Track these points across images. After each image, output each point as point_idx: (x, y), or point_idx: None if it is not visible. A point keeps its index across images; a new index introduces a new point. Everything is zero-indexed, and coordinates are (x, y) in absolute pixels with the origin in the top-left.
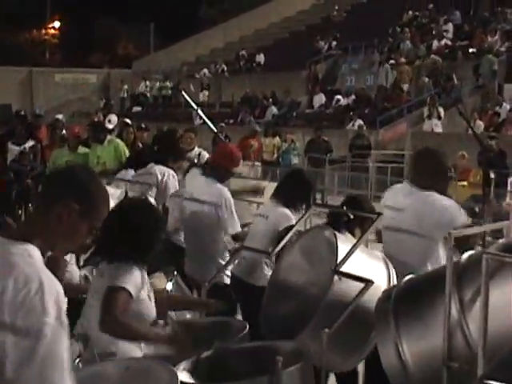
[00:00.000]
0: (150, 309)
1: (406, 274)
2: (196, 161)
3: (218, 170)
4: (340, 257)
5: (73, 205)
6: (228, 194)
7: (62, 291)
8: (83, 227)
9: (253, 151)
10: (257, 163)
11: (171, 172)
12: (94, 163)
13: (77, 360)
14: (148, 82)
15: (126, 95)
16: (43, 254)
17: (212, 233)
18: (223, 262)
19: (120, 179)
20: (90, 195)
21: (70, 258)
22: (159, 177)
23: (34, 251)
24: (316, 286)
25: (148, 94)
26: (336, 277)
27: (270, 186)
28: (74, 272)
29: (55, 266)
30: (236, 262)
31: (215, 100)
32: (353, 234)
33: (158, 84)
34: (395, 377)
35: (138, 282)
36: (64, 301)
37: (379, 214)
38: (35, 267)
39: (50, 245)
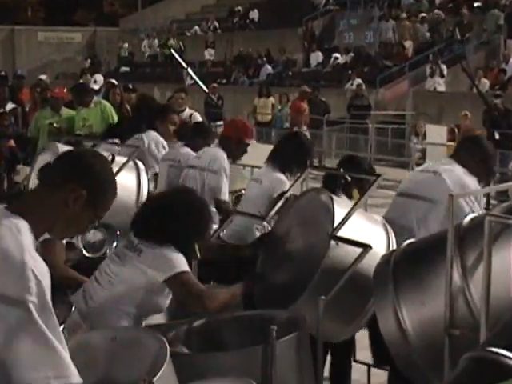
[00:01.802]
0: (166, 302)
1: (406, 239)
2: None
3: (231, 143)
4: (337, 221)
5: (81, 191)
6: (226, 160)
7: (47, 275)
8: (87, 215)
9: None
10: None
11: (160, 140)
12: (80, 126)
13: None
14: (135, 41)
15: (126, 54)
16: (38, 235)
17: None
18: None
19: (108, 142)
20: (101, 184)
21: None
22: (146, 142)
23: (25, 228)
24: (312, 251)
25: (136, 54)
26: (333, 242)
27: (264, 149)
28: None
29: (49, 250)
30: (227, 228)
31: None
32: (350, 197)
33: (145, 42)
34: (395, 345)
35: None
36: (47, 285)
37: (378, 176)
38: (20, 244)
39: (47, 227)
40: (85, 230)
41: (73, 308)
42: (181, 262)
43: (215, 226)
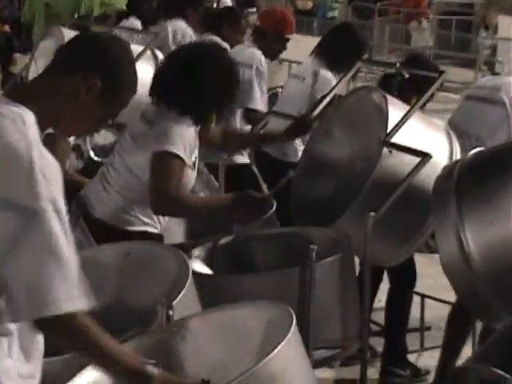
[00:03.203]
0: (191, 178)
1: (473, 148)
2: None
3: (268, 38)
4: (391, 125)
5: (95, 81)
6: (263, 61)
7: (58, 175)
8: (99, 111)
9: None
10: None
11: (189, 31)
12: (88, 6)
13: None
14: None
15: None
16: (42, 130)
17: None
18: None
19: (121, 28)
20: (118, 74)
21: None
22: (170, 32)
23: (30, 118)
24: (360, 160)
25: None
26: (386, 149)
27: (305, 41)
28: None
29: (54, 145)
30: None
31: None
32: (408, 100)
33: None
34: (455, 272)
35: (191, 146)
36: (59, 187)
37: (442, 72)
38: (27, 138)
39: (52, 121)
40: (96, 128)
41: (80, 219)
42: (180, 144)
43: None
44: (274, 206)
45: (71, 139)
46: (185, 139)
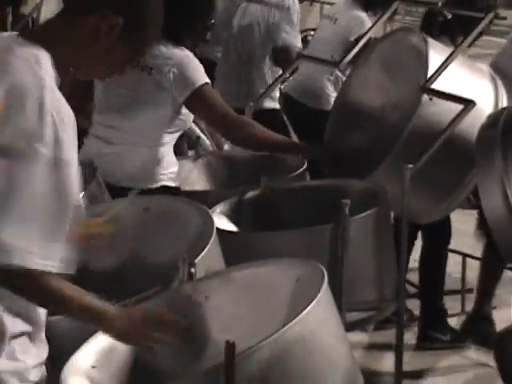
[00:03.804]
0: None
1: None
2: None
3: None
4: (431, 70)
5: (115, 18)
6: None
7: (70, 122)
8: (121, 52)
9: None
10: None
11: None
12: None
13: (81, 194)
14: None
15: None
16: (61, 73)
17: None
18: (270, 80)
19: None
20: (141, 7)
21: None
22: None
23: (45, 60)
24: (398, 108)
25: None
26: (425, 96)
27: None
28: None
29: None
30: (291, 79)
31: None
32: (450, 42)
33: None
34: (499, 226)
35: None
36: (70, 135)
37: (489, 11)
38: (40, 79)
39: (71, 63)
40: (121, 70)
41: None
42: (203, 72)
43: None
44: (306, 163)
45: None
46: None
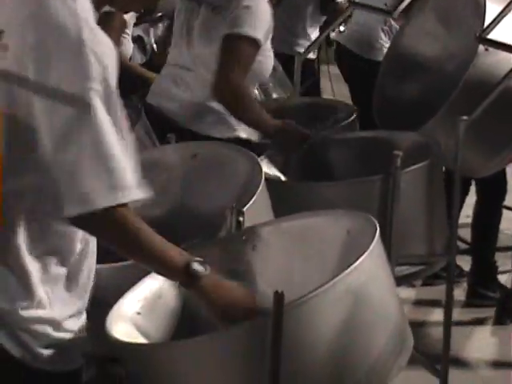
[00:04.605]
0: (268, 64)
1: None
2: None
3: None
4: (488, 19)
5: None
6: None
7: (112, 55)
8: None
9: None
10: None
11: None
12: None
13: None
14: None
15: None
16: (97, 7)
17: None
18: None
19: None
20: None
21: (130, 18)
22: None
23: None
24: (453, 58)
25: None
26: (481, 46)
27: None
28: (126, 42)
29: (110, 24)
30: (341, 27)
31: None
32: None
33: None
34: None
35: (270, 25)
36: (113, 69)
37: None
38: (76, 15)
39: None
40: (154, 3)
41: (142, 115)
42: (258, 26)
43: None
44: (356, 113)
45: (131, 31)
46: (262, 18)
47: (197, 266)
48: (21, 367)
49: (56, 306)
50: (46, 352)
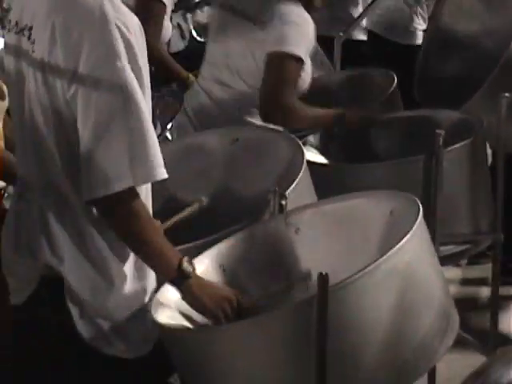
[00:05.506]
0: (306, 80)
1: None
2: None
3: None
4: None
5: None
6: None
7: (138, 30)
8: None
9: None
10: None
11: None
12: None
13: (168, 126)
14: None
15: None
16: None
17: None
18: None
19: None
20: None
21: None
22: None
23: None
24: (493, 36)
25: None
26: None
27: None
28: (166, 26)
29: (149, 9)
30: (375, 11)
31: None
32: None
33: None
34: None
35: (311, 40)
36: (139, 43)
37: None
38: None
39: None
40: None
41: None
42: (301, 44)
43: None
44: (395, 79)
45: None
46: (306, 35)
47: (187, 266)
48: (97, 355)
49: (131, 293)
50: (121, 339)
